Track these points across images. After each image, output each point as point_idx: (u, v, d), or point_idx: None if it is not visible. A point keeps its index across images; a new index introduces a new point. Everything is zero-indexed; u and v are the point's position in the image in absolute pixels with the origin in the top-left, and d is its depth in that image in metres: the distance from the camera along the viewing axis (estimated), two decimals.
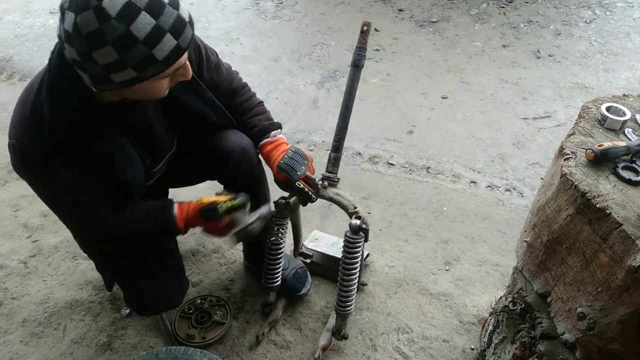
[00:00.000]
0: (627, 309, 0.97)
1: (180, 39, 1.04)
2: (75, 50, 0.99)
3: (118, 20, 0.95)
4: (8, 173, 2.47)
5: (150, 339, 1.72)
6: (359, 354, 1.71)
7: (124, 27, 0.96)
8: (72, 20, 0.96)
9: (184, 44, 1.06)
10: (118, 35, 0.96)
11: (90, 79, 1.04)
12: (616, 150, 1.11)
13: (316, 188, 1.53)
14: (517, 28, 4.16)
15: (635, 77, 3.51)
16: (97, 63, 0.99)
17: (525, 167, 2.67)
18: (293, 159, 1.49)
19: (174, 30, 1.02)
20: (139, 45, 0.98)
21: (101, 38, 0.96)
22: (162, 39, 1.01)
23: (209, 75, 1.48)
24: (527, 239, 1.28)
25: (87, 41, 0.96)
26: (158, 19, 0.99)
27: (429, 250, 2.13)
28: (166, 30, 1.01)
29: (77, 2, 0.95)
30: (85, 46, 0.97)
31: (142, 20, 0.97)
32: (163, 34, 1.00)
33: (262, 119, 1.59)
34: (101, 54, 0.98)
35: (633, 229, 0.95)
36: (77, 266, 1.98)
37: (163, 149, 1.46)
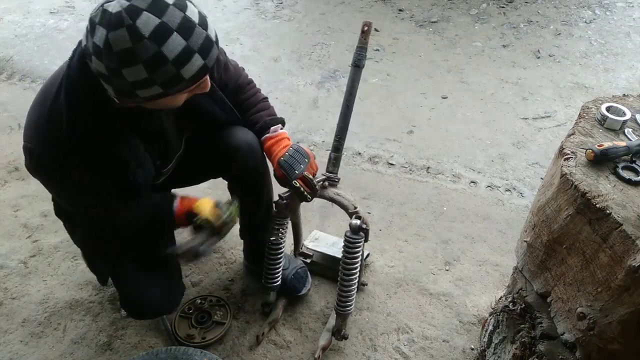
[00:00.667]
0: (627, 309, 0.97)
1: (208, 58, 1.06)
2: (105, 65, 0.99)
3: (151, 41, 0.96)
4: (8, 173, 2.47)
5: (150, 339, 1.72)
6: (359, 354, 1.71)
7: (156, 48, 0.97)
8: (104, 36, 0.96)
9: (210, 63, 1.08)
10: (150, 55, 0.97)
11: (115, 93, 1.05)
12: (616, 150, 1.11)
13: (313, 189, 1.54)
14: (517, 28, 4.16)
15: (635, 77, 3.51)
16: (126, 80, 1.00)
17: (525, 167, 2.67)
18: (293, 157, 1.51)
19: (203, 50, 1.04)
20: (168, 65, 1.00)
21: (133, 57, 0.97)
22: (191, 59, 1.02)
23: (218, 75, 1.48)
24: (527, 239, 1.28)
25: (118, 59, 0.97)
26: (189, 39, 1.01)
27: (429, 250, 2.13)
28: (195, 50, 1.02)
29: (110, 19, 0.96)
30: (116, 63, 0.98)
31: (174, 41, 0.99)
32: (192, 54, 1.02)
33: (264, 114, 1.60)
34: (131, 72, 0.99)
35: (633, 229, 0.95)
36: (77, 266, 1.98)
37: (173, 150, 1.47)
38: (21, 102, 3.05)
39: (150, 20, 0.96)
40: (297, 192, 1.51)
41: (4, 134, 2.73)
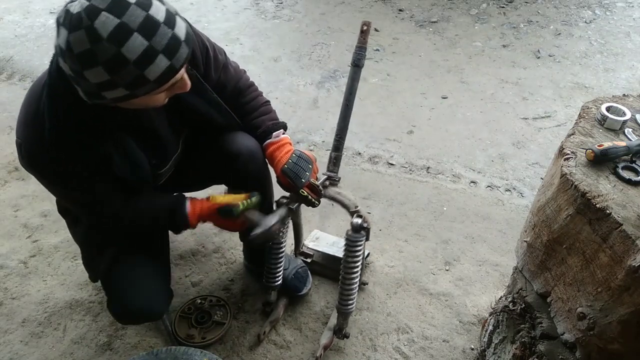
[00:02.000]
0: (627, 309, 0.97)
1: (174, 59, 1.03)
2: (68, 66, 1.00)
3: (109, 42, 0.94)
4: (8, 173, 2.47)
5: (150, 339, 1.72)
6: (359, 353, 1.71)
7: (115, 49, 0.95)
8: (65, 37, 0.96)
9: (177, 64, 1.05)
10: (109, 56, 0.95)
11: (83, 93, 1.05)
12: (616, 150, 1.11)
13: (319, 194, 1.54)
14: (517, 28, 4.17)
15: (635, 77, 3.51)
16: (89, 81, 0.99)
17: (525, 167, 2.67)
18: (298, 164, 1.48)
19: (168, 51, 1.01)
20: (130, 66, 0.97)
21: (92, 58, 0.96)
22: (154, 60, 1.00)
23: (216, 76, 1.47)
24: (527, 239, 1.28)
25: (79, 60, 0.96)
26: (151, 39, 0.98)
27: (429, 250, 2.13)
28: (159, 51, 1.00)
29: (70, 19, 0.95)
30: (77, 65, 0.97)
31: (134, 42, 0.96)
32: (155, 55, 0.99)
33: (266, 119, 1.58)
34: (92, 74, 0.98)
35: (633, 229, 0.95)
36: (77, 266, 1.98)
37: (168, 150, 1.46)
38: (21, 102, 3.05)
39: (109, 21, 0.94)
40: (305, 200, 1.51)
41: (4, 134, 2.73)
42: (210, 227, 2.16)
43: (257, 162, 1.57)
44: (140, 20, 0.97)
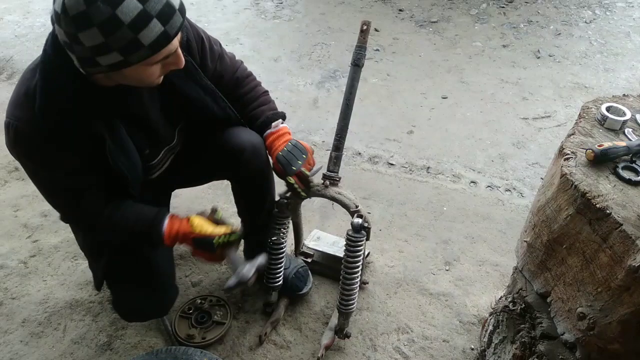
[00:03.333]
0: (627, 309, 0.97)
1: (168, 25, 1.04)
2: (64, 31, 1.00)
3: (104, 3, 0.96)
4: (8, 173, 2.47)
5: (150, 339, 1.72)
6: (359, 353, 1.71)
7: (110, 10, 0.96)
8: (61, 1, 0.97)
9: (171, 31, 1.06)
10: (104, 18, 0.97)
11: (78, 61, 1.05)
12: (616, 150, 1.11)
13: (307, 186, 1.55)
14: (517, 28, 4.17)
15: (635, 77, 3.51)
16: (84, 45, 1.00)
17: (525, 167, 2.67)
18: (291, 152, 1.50)
19: (162, 16, 1.02)
20: (124, 28, 0.99)
21: (87, 20, 0.97)
22: (148, 24, 1.01)
23: (212, 65, 1.47)
24: (527, 239, 1.28)
25: (74, 22, 0.97)
26: (145, 3, 1.00)
27: (429, 250, 2.13)
28: (153, 15, 1.01)
29: None
30: (72, 27, 0.98)
31: (129, 5, 0.98)
32: (150, 19, 1.00)
33: (265, 109, 1.58)
34: (87, 36, 0.98)
35: (633, 229, 0.95)
36: (77, 266, 1.98)
37: (160, 139, 1.44)
38: None
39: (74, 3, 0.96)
40: (291, 188, 1.52)
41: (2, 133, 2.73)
42: None
43: (261, 159, 1.57)
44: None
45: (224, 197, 2.31)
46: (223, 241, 1.34)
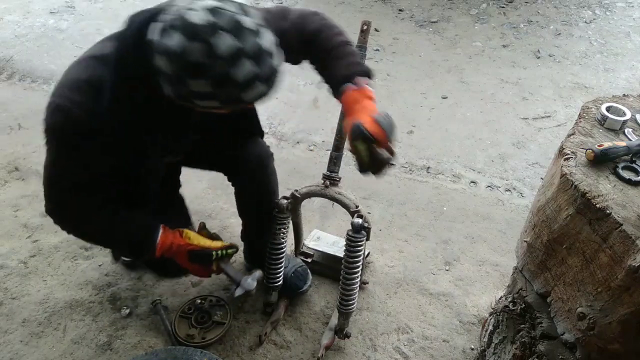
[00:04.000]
0: (627, 309, 0.97)
1: (270, 87, 1.08)
2: (172, 69, 0.99)
3: (224, 61, 0.97)
4: (8, 173, 2.47)
5: (150, 339, 1.72)
6: (359, 354, 1.71)
7: (227, 69, 0.98)
8: (180, 43, 0.96)
9: (270, 92, 1.09)
10: (219, 74, 0.98)
11: (174, 93, 1.05)
12: (616, 150, 1.11)
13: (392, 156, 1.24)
14: (517, 28, 4.17)
15: (635, 77, 3.51)
16: (188, 87, 1.01)
17: (525, 167, 2.67)
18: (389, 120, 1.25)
19: (268, 80, 1.05)
20: (234, 87, 1.01)
21: (203, 72, 0.98)
22: (255, 86, 1.03)
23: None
24: (527, 239, 1.28)
25: (188, 68, 0.98)
26: (259, 68, 1.01)
27: (429, 250, 2.13)
28: (263, 78, 1.03)
29: (189, 28, 0.96)
30: (185, 72, 0.99)
31: (245, 67, 0.99)
32: (258, 82, 1.03)
33: (341, 66, 1.31)
34: (197, 84, 1.00)
35: (633, 229, 0.95)
36: (77, 266, 1.98)
37: (183, 148, 1.46)
38: (21, 102, 3.05)
39: (229, 42, 0.97)
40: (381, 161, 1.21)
41: (3, 134, 2.73)
42: (210, 227, 2.15)
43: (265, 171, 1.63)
44: (255, 49, 1.00)
45: (224, 197, 2.31)
46: (222, 254, 1.36)
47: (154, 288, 1.90)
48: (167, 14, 1.01)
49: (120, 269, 1.96)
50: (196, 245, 1.36)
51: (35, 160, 2.52)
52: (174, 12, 1.00)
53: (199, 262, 1.36)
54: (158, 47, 1.00)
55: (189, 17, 0.97)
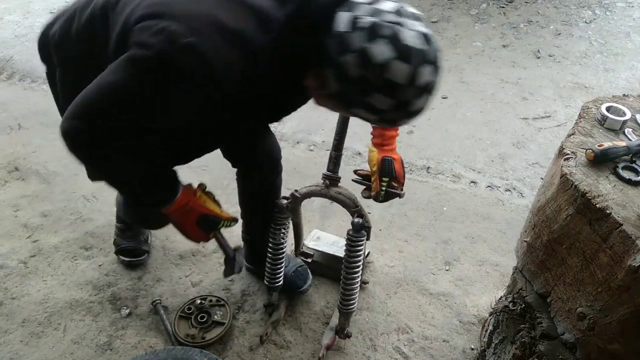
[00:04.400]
0: (627, 309, 0.97)
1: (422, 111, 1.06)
2: (363, 75, 0.95)
3: (415, 91, 0.96)
4: (8, 173, 2.47)
5: (150, 339, 1.72)
6: (359, 354, 1.71)
7: (412, 98, 0.98)
8: (388, 58, 0.93)
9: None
10: (405, 100, 0.97)
11: (338, 91, 1.00)
12: (616, 150, 1.11)
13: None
14: (517, 28, 4.17)
15: (635, 77, 3.51)
16: (368, 98, 0.98)
17: (525, 167, 2.67)
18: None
19: (423, 111, 1.04)
20: (406, 114, 1.01)
21: (395, 93, 0.96)
22: (413, 116, 1.03)
23: None
24: (527, 239, 1.28)
25: (383, 84, 0.95)
26: (427, 101, 1.02)
27: (429, 250, 2.13)
28: (422, 109, 1.03)
29: (400, 46, 0.93)
30: (377, 85, 0.95)
31: (422, 99, 1.00)
32: (419, 112, 1.03)
33: None
34: (381, 100, 0.97)
35: (633, 229, 0.95)
36: (77, 266, 1.98)
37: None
38: (21, 102, 3.05)
39: (428, 77, 0.96)
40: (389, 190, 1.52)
41: (3, 134, 2.73)
42: None
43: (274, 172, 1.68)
44: (434, 84, 1.00)
45: (224, 197, 2.29)
46: (226, 225, 1.34)
47: (154, 288, 1.90)
48: (360, 10, 0.95)
49: (120, 268, 1.97)
50: (210, 210, 1.31)
51: (35, 160, 2.52)
52: (373, 12, 0.95)
53: (204, 228, 1.31)
54: (357, 48, 0.93)
55: (404, 37, 0.93)
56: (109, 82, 1.03)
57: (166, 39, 0.96)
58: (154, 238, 2.10)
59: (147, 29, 1.00)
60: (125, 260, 1.96)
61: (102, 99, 1.03)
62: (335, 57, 0.96)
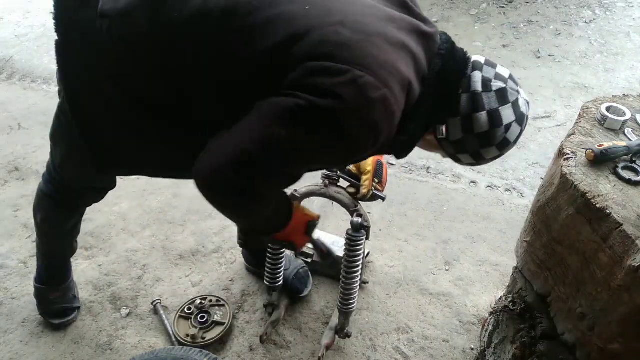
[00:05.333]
0: (627, 309, 0.97)
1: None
2: (486, 131, 1.08)
3: (513, 145, 1.13)
4: (8, 173, 2.47)
5: (150, 339, 1.72)
6: (359, 354, 1.71)
7: (508, 150, 1.14)
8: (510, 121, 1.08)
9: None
10: (506, 152, 1.14)
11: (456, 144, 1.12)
12: (616, 150, 1.11)
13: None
14: (517, 28, 4.16)
15: (635, 77, 3.51)
16: (482, 149, 1.12)
17: (525, 167, 2.67)
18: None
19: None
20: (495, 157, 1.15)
21: (503, 147, 1.12)
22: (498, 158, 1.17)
23: None
24: (527, 239, 1.28)
25: (500, 141, 1.10)
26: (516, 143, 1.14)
27: (429, 250, 2.13)
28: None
29: (519, 113, 1.09)
30: (496, 141, 1.10)
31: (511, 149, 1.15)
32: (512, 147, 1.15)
33: None
34: (491, 152, 1.13)
35: (633, 229, 0.95)
36: (77, 266, 1.98)
37: None
38: (21, 102, 3.05)
39: (517, 130, 1.11)
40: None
41: (3, 134, 2.73)
42: (210, 227, 2.16)
43: None
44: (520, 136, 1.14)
45: None
46: (317, 224, 1.39)
47: (154, 288, 1.90)
48: (488, 72, 1.09)
49: (120, 268, 1.97)
50: (309, 216, 1.34)
51: (35, 160, 2.52)
52: (498, 77, 1.09)
53: (307, 233, 1.35)
54: (490, 109, 1.07)
55: (521, 104, 1.10)
56: (272, 133, 0.95)
57: (360, 91, 0.92)
58: (154, 238, 2.11)
59: (329, 73, 0.93)
60: (56, 322, 1.73)
61: (261, 148, 0.97)
62: (469, 111, 1.08)
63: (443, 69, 1.08)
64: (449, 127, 1.10)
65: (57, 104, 1.29)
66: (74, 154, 1.31)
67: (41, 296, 1.73)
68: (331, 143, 0.98)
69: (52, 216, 1.54)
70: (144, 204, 2.27)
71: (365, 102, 0.93)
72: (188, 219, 2.21)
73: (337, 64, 0.93)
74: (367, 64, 0.94)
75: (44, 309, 1.74)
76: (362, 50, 0.95)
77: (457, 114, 1.08)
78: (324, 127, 0.95)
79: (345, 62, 0.93)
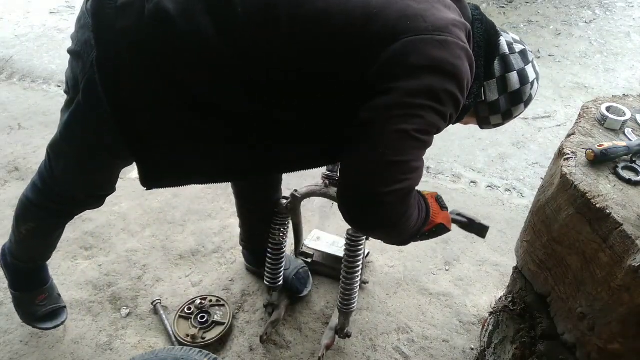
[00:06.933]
0: (627, 309, 0.97)
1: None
2: (521, 90, 1.19)
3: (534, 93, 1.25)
4: (8, 173, 2.47)
5: (150, 339, 1.72)
6: (359, 354, 1.71)
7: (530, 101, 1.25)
8: (533, 78, 1.20)
9: None
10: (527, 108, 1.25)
11: (492, 106, 1.21)
12: (616, 150, 1.11)
13: None
14: (517, 28, 4.17)
15: (635, 77, 3.51)
16: (510, 107, 1.22)
17: (525, 167, 2.67)
18: None
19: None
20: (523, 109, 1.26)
21: (528, 104, 1.24)
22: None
23: None
24: (527, 239, 1.28)
25: (527, 100, 1.22)
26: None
27: (429, 250, 2.13)
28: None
29: (537, 71, 1.21)
30: (526, 98, 1.21)
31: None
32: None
33: None
34: (519, 108, 1.23)
35: (633, 229, 0.95)
36: (77, 266, 1.98)
37: None
38: (21, 102, 3.05)
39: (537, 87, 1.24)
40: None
41: (4, 134, 2.73)
42: (210, 227, 2.16)
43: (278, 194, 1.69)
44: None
45: (224, 197, 2.31)
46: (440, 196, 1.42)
47: (154, 288, 1.90)
48: (507, 37, 1.18)
49: (120, 268, 1.97)
50: (429, 192, 1.40)
51: (35, 160, 2.52)
52: (515, 40, 1.19)
53: (444, 206, 1.40)
54: (518, 68, 1.17)
55: (535, 62, 1.21)
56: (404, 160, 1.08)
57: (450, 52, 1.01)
58: (154, 238, 2.11)
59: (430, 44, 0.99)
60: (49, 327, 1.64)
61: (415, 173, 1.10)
62: (502, 72, 1.16)
63: (486, 34, 1.15)
64: (485, 89, 1.17)
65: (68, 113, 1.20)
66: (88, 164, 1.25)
67: (25, 303, 1.62)
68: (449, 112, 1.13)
69: (43, 226, 1.49)
70: (144, 204, 2.27)
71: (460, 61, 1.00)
72: (188, 219, 2.21)
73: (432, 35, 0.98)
74: (443, 27, 1.01)
75: (32, 317, 1.63)
76: (435, 17, 1.01)
77: (492, 76, 1.16)
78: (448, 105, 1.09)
79: (431, 32, 0.98)
